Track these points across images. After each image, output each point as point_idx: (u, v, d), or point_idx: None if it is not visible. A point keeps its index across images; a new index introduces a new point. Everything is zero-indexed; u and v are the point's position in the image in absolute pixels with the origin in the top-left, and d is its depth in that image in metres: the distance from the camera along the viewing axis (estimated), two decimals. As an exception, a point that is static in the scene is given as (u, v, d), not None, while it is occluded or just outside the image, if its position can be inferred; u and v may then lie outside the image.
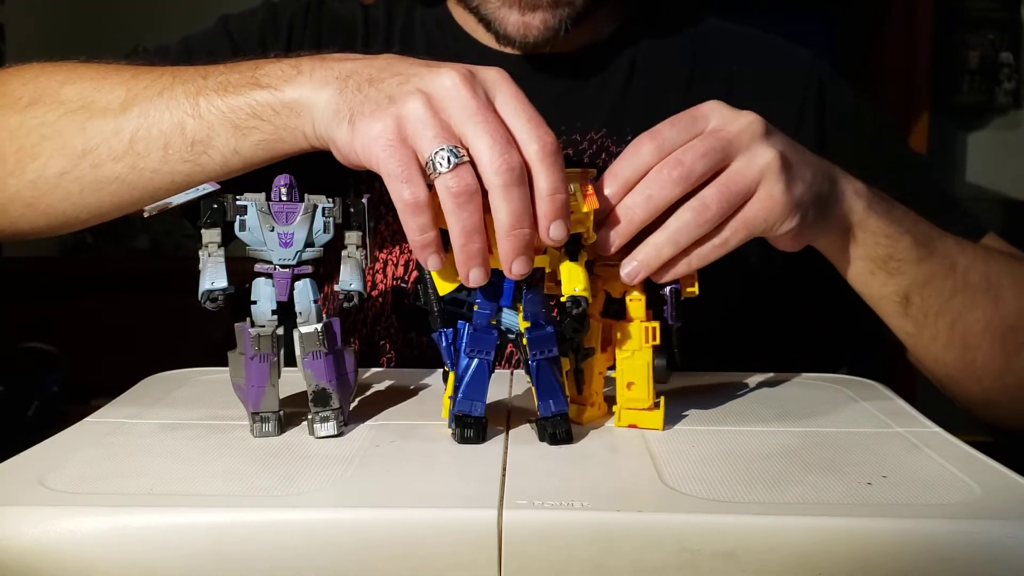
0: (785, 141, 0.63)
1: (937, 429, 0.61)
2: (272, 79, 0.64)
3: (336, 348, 0.59)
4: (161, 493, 0.48)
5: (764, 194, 0.60)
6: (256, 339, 0.57)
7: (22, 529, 0.44)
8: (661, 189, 0.59)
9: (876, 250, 0.69)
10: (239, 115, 0.64)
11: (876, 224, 0.68)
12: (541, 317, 0.57)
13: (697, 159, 0.59)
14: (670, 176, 0.58)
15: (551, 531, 0.45)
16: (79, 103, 0.68)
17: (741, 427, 0.61)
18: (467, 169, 0.55)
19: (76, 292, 2.22)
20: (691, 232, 0.59)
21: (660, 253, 0.59)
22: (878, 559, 0.44)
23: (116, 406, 0.65)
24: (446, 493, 0.49)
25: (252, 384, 0.58)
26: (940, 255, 0.72)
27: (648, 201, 0.59)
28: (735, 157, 0.60)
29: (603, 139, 0.85)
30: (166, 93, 0.66)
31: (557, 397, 0.56)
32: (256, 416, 0.58)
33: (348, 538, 0.45)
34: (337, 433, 0.58)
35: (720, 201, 0.59)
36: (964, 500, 0.48)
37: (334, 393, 0.58)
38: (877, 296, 0.71)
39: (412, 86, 0.58)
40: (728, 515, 0.45)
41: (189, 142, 0.65)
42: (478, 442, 0.56)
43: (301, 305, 0.58)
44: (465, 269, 0.56)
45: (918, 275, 0.71)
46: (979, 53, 2.60)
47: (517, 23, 0.80)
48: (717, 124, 0.61)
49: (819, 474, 0.52)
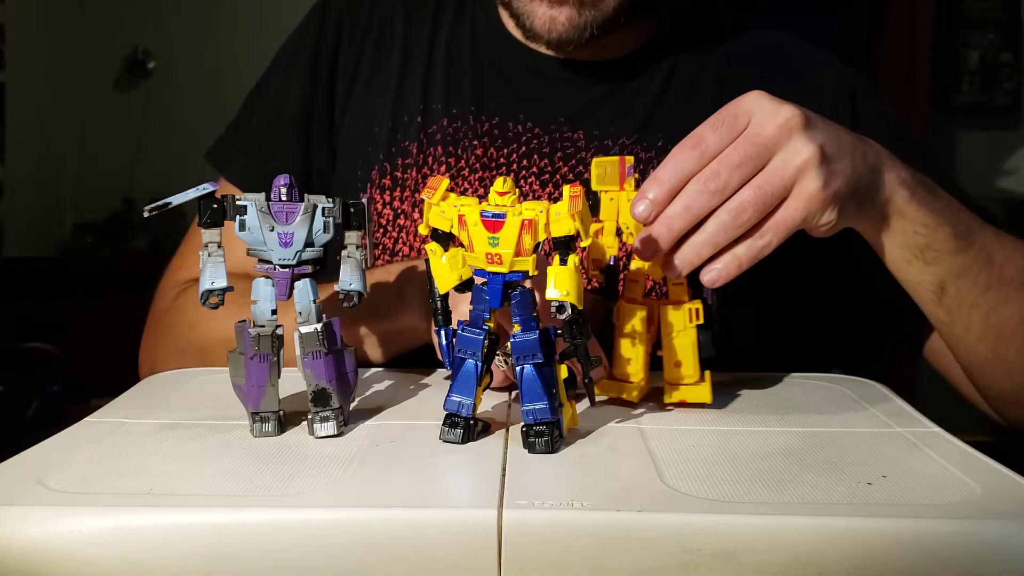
0: (827, 131, 0.64)
1: (937, 429, 0.61)
2: (389, 309, 0.77)
3: (336, 348, 0.59)
4: (161, 493, 0.48)
5: (801, 191, 0.61)
6: (256, 339, 0.57)
7: (22, 529, 0.44)
8: (699, 199, 0.60)
9: (914, 239, 0.69)
10: (388, 345, 0.78)
11: (916, 213, 0.68)
12: (532, 321, 0.56)
13: (734, 170, 0.60)
14: (707, 188, 0.60)
15: (551, 531, 0.45)
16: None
17: (741, 427, 0.61)
18: None
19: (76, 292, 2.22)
20: (728, 233, 0.61)
21: (700, 252, 0.61)
22: (878, 559, 0.44)
23: (116, 406, 0.65)
24: (446, 493, 0.49)
25: (252, 384, 0.58)
26: (978, 247, 0.72)
27: (687, 211, 0.60)
28: (774, 155, 0.61)
29: (634, 145, 0.86)
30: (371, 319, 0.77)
31: (541, 405, 0.55)
32: (256, 416, 0.58)
33: (348, 538, 0.45)
34: (337, 433, 0.58)
35: (756, 203, 0.60)
36: (964, 500, 0.48)
37: (334, 393, 0.58)
38: (913, 283, 0.72)
39: None
40: (728, 515, 0.45)
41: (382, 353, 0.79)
42: (461, 443, 0.56)
43: (301, 305, 0.58)
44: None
45: (954, 266, 0.71)
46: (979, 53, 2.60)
47: (544, 17, 0.81)
48: (757, 122, 0.62)
49: (819, 474, 0.52)
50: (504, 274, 0.55)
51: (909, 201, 0.68)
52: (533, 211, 0.55)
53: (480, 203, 0.56)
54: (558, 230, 0.55)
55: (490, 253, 0.55)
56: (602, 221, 0.64)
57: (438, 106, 0.88)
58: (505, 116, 0.87)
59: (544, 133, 0.86)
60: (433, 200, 0.56)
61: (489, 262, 0.55)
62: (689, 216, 0.60)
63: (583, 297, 0.56)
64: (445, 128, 0.87)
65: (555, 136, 0.86)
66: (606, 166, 0.63)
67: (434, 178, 0.58)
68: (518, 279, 0.56)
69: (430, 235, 0.58)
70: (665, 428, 0.61)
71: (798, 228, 0.62)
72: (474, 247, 0.55)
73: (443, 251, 0.58)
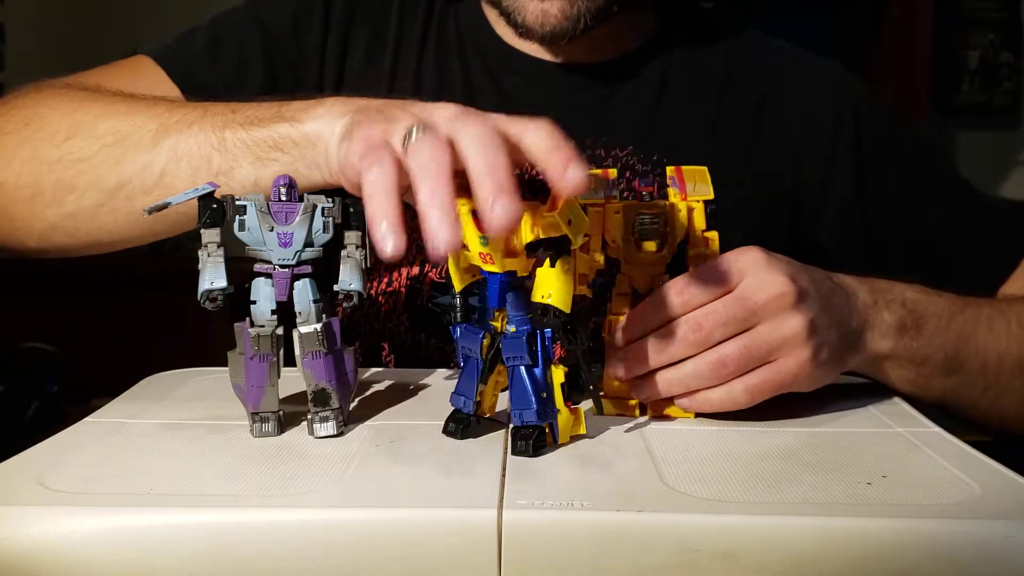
0: (818, 303, 0.63)
1: (937, 429, 0.61)
2: (294, 112, 0.65)
3: (336, 348, 0.59)
4: (161, 493, 0.48)
5: (787, 360, 0.61)
6: (256, 339, 0.57)
7: (22, 529, 0.44)
8: (676, 347, 0.60)
9: (904, 373, 0.71)
10: (261, 147, 0.66)
11: (905, 353, 0.70)
12: (525, 321, 0.56)
13: (717, 327, 0.60)
14: (686, 338, 0.60)
15: (551, 531, 0.45)
16: (114, 138, 0.70)
17: (741, 427, 0.61)
18: (441, 140, 0.53)
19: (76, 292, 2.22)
20: (703, 383, 0.61)
21: (669, 390, 0.61)
22: (878, 559, 0.44)
23: (116, 406, 0.65)
24: (446, 493, 0.49)
25: (252, 384, 0.58)
26: (972, 358, 0.74)
27: (662, 354, 0.60)
28: (761, 322, 0.61)
29: (628, 157, 0.84)
30: (195, 127, 0.68)
31: (528, 408, 0.55)
32: (256, 416, 0.58)
33: (348, 538, 0.45)
34: (337, 433, 0.58)
35: (739, 361, 0.60)
36: (964, 500, 0.48)
37: (334, 393, 0.58)
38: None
39: (410, 113, 0.59)
40: (728, 515, 0.45)
41: (214, 173, 0.67)
42: (460, 438, 0.57)
43: (301, 305, 0.58)
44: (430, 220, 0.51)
45: (948, 385, 0.73)
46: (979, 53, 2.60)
47: (536, 11, 0.79)
48: (750, 285, 0.61)
49: (819, 474, 0.52)
50: (500, 274, 0.55)
51: (895, 348, 0.69)
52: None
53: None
54: (547, 232, 0.54)
55: (483, 253, 0.55)
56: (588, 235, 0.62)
57: None
58: None
59: None
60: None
61: (484, 261, 0.55)
62: (663, 359, 0.60)
63: (570, 301, 0.55)
64: None
65: None
66: (590, 179, 0.62)
67: None
68: (514, 279, 0.56)
69: None
70: (665, 428, 0.61)
71: (777, 393, 0.62)
72: (468, 246, 0.55)
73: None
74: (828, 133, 0.86)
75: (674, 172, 0.64)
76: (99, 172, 0.70)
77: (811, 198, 0.85)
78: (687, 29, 0.89)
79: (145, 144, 0.69)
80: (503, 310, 0.57)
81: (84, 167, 0.70)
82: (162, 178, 0.68)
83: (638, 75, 0.86)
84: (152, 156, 0.68)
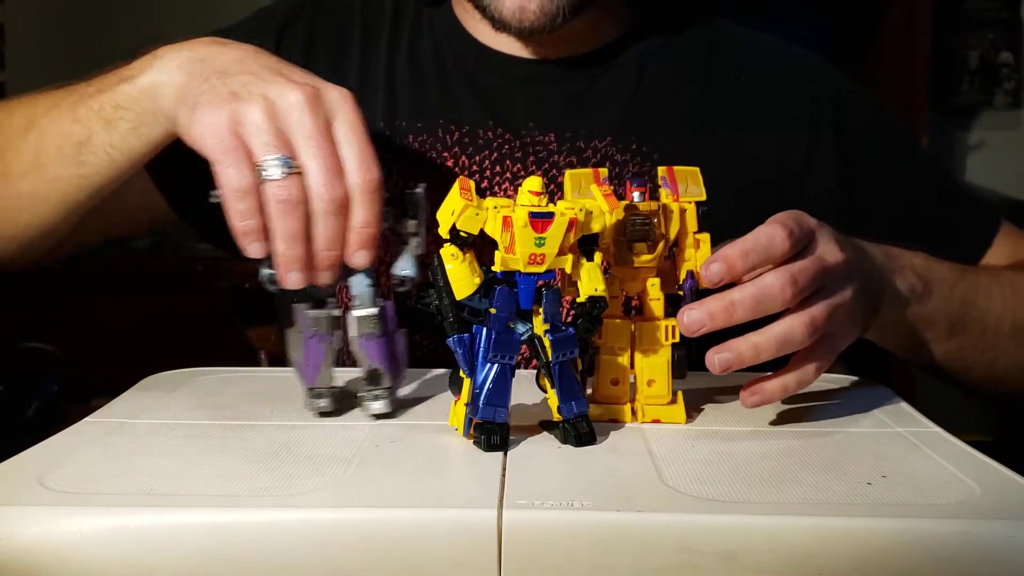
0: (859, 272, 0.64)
1: (937, 429, 0.61)
2: (133, 71, 0.68)
3: (390, 331, 0.62)
4: (161, 493, 0.48)
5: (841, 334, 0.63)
6: (315, 320, 0.61)
7: (22, 529, 0.44)
8: (772, 301, 0.59)
9: (910, 337, 0.74)
10: (107, 110, 0.68)
11: (914, 318, 0.72)
12: (558, 318, 0.57)
13: (806, 285, 0.59)
14: (783, 293, 0.58)
15: (551, 531, 0.45)
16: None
17: (741, 427, 0.61)
18: (296, 181, 0.59)
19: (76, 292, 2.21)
20: (797, 346, 0.60)
21: (758, 355, 0.59)
22: (878, 559, 0.44)
23: (116, 406, 0.65)
24: (446, 493, 0.49)
25: (309, 362, 0.61)
26: (973, 322, 0.77)
27: (756, 306, 0.58)
28: (825, 287, 0.61)
29: (607, 148, 0.84)
30: (56, 107, 0.72)
31: (579, 398, 0.57)
32: (312, 391, 0.61)
33: (348, 538, 0.45)
34: (390, 411, 0.61)
35: (824, 326, 0.60)
36: (964, 500, 0.48)
37: (386, 373, 0.61)
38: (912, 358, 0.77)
39: (258, 90, 0.61)
40: (728, 515, 0.45)
41: (75, 145, 0.70)
42: (503, 449, 0.55)
43: (357, 289, 0.62)
44: (284, 271, 0.60)
45: (950, 347, 0.76)
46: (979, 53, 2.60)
47: (513, 7, 0.78)
48: (824, 250, 0.62)
49: (819, 474, 0.52)
50: (539, 274, 0.56)
51: (905, 313, 0.72)
52: (572, 210, 0.55)
53: (514, 204, 0.55)
54: (593, 227, 0.57)
55: (534, 254, 0.55)
56: None
57: (402, 123, 0.85)
58: (475, 124, 0.84)
59: (515, 138, 0.84)
60: (473, 202, 0.55)
61: (531, 263, 0.55)
62: (756, 312, 0.59)
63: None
64: (410, 143, 0.84)
65: (526, 141, 0.83)
66: (580, 178, 0.62)
67: (463, 179, 0.57)
68: (551, 278, 0.56)
69: (450, 239, 0.56)
70: (665, 428, 0.61)
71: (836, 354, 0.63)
72: (516, 249, 0.55)
73: (463, 255, 0.56)
74: (808, 119, 0.86)
75: (666, 173, 0.63)
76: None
77: (793, 183, 0.86)
78: (663, 20, 0.89)
79: (17, 131, 0.73)
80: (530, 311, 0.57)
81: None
82: (36, 158, 0.72)
83: (615, 67, 0.86)
84: (23, 141, 0.72)
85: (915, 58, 2.36)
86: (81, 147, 0.69)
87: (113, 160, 0.70)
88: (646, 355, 0.61)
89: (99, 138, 0.69)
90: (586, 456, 0.55)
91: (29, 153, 0.72)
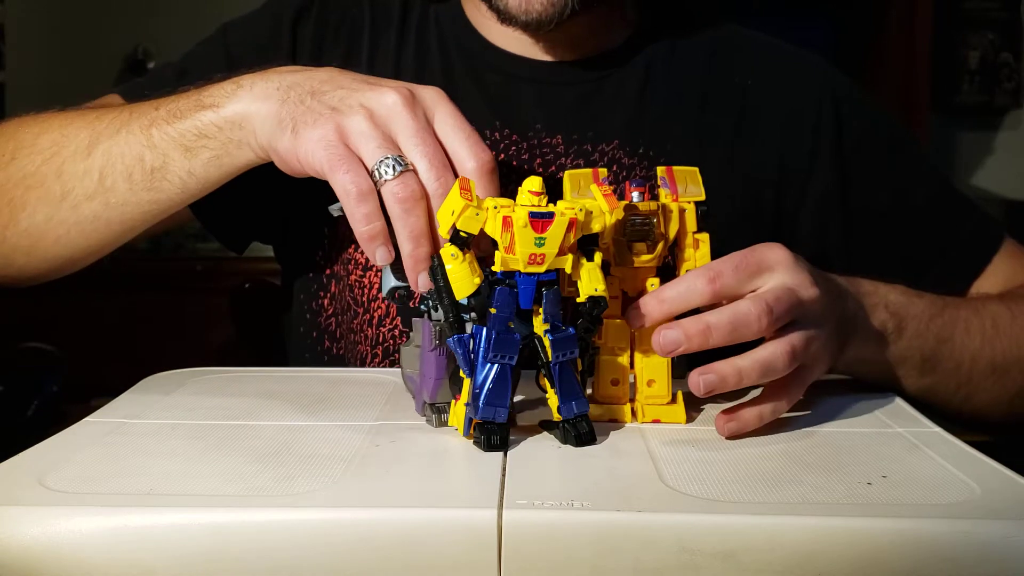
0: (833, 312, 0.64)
1: (937, 429, 0.61)
2: (215, 98, 0.67)
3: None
4: (161, 493, 0.48)
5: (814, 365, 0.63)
6: (437, 333, 0.60)
7: (22, 529, 0.44)
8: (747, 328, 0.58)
9: (879, 373, 0.73)
10: (188, 137, 0.68)
11: (883, 356, 0.71)
12: (559, 318, 0.57)
13: (783, 313, 0.59)
14: (759, 321, 0.58)
15: (551, 531, 0.45)
16: (52, 151, 0.73)
17: (741, 427, 0.61)
18: (412, 177, 0.60)
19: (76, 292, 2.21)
20: (778, 374, 0.59)
21: (741, 380, 0.58)
22: (878, 559, 0.44)
23: (116, 406, 0.65)
24: (446, 493, 0.49)
25: (429, 376, 0.60)
26: (947, 360, 0.75)
27: (732, 331, 0.58)
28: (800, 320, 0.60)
29: (615, 151, 0.83)
30: (123, 129, 0.71)
31: (579, 398, 0.57)
32: (433, 407, 0.60)
33: (348, 538, 0.45)
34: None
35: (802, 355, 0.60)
36: (964, 500, 0.48)
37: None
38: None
39: (355, 101, 0.62)
40: (728, 515, 0.45)
41: (148, 171, 0.69)
42: (503, 449, 0.55)
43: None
44: (414, 273, 0.60)
45: (923, 384, 0.75)
46: (979, 53, 2.60)
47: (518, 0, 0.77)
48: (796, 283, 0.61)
49: (819, 474, 0.52)
50: (539, 274, 0.56)
51: (875, 352, 0.70)
52: (572, 210, 0.55)
53: (514, 204, 0.56)
54: (593, 227, 0.57)
55: (534, 254, 0.55)
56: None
57: None
58: (481, 123, 0.82)
59: (522, 140, 0.83)
60: (473, 202, 0.55)
61: (531, 263, 0.55)
62: (730, 338, 0.58)
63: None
64: None
65: (533, 143, 0.83)
66: (579, 178, 0.62)
67: (463, 179, 0.57)
68: (552, 278, 0.56)
69: (450, 239, 0.56)
70: (665, 428, 0.61)
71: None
72: (516, 249, 0.55)
73: (463, 255, 0.56)
74: (810, 122, 0.86)
75: (665, 173, 0.63)
76: (44, 185, 0.72)
77: (794, 187, 0.86)
78: (669, 23, 0.89)
79: (81, 152, 0.71)
80: (530, 311, 0.57)
81: (30, 182, 0.73)
82: (101, 182, 0.71)
83: (622, 70, 0.86)
84: (89, 163, 0.71)
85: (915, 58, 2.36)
86: (154, 173, 0.69)
87: (187, 187, 0.70)
88: (646, 355, 0.61)
89: (176, 165, 0.69)
90: (586, 456, 0.55)
91: (93, 176, 0.71)
